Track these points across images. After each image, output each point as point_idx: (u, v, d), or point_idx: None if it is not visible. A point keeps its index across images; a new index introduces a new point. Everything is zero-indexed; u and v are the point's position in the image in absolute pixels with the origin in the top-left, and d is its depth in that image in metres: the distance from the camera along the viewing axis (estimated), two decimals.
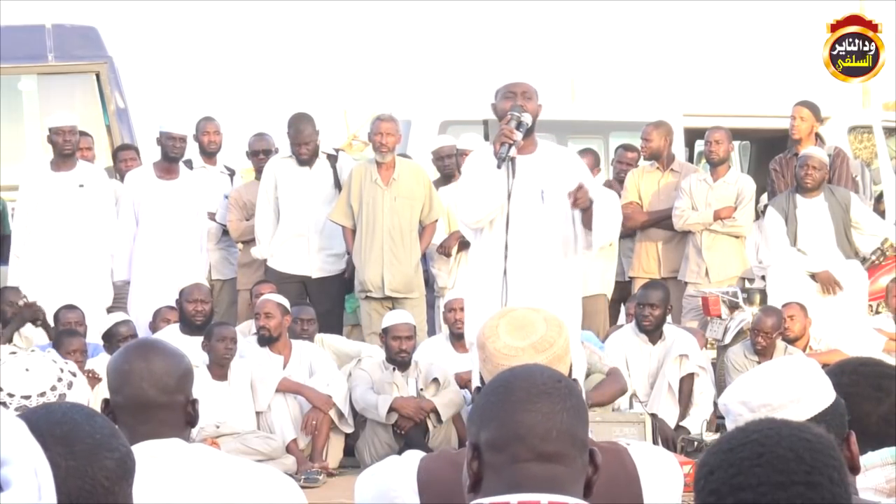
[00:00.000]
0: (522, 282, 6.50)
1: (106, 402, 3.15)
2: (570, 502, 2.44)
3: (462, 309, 7.93)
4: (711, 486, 2.15)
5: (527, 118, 6.51)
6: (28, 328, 9.38)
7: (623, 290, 10.81)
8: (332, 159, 10.30)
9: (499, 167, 6.44)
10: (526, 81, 6.67)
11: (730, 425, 2.88)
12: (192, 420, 3.15)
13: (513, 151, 6.47)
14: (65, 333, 8.86)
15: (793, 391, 2.95)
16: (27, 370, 3.52)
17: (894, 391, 3.22)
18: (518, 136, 6.46)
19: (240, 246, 10.71)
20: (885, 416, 3.17)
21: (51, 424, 2.19)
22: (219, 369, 8.76)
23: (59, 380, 3.53)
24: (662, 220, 10.69)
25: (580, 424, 2.47)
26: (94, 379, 8.52)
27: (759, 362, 9.32)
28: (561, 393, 2.47)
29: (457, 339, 9.20)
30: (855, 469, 2.86)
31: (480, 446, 2.45)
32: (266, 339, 9.13)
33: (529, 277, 6.52)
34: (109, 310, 9.79)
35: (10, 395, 3.48)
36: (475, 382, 6.61)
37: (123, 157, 10.89)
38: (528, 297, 6.31)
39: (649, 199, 10.81)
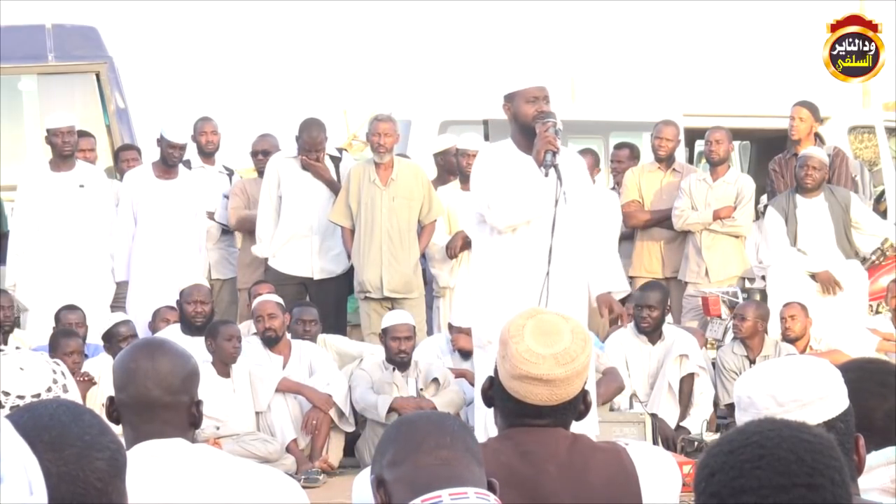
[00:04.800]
0: (563, 283, 6.54)
1: (111, 399, 3.15)
2: (470, 492, 2.54)
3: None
4: (712, 489, 2.15)
5: (560, 124, 6.57)
6: (19, 332, 9.39)
7: None
8: (336, 161, 10.30)
9: (546, 175, 6.47)
10: (543, 84, 6.71)
11: (746, 418, 2.85)
12: (195, 421, 3.15)
13: (557, 158, 6.51)
14: (61, 334, 8.83)
15: (821, 389, 2.94)
16: (22, 369, 3.52)
17: None
18: (559, 142, 6.51)
19: (239, 244, 10.72)
20: (889, 412, 3.19)
21: (38, 429, 2.17)
22: (222, 367, 8.77)
23: (55, 381, 3.53)
24: (664, 220, 10.69)
25: (471, 439, 2.70)
26: (88, 382, 8.50)
27: (746, 356, 9.35)
28: (448, 415, 2.83)
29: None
30: (859, 472, 2.86)
31: (383, 473, 2.66)
32: (273, 340, 9.13)
33: (568, 279, 6.58)
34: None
35: (6, 394, 3.47)
36: (479, 381, 6.63)
37: (125, 158, 10.90)
38: (568, 298, 6.48)
39: (651, 199, 10.80)
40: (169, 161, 10.13)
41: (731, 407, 8.30)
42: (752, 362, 9.20)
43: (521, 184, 6.53)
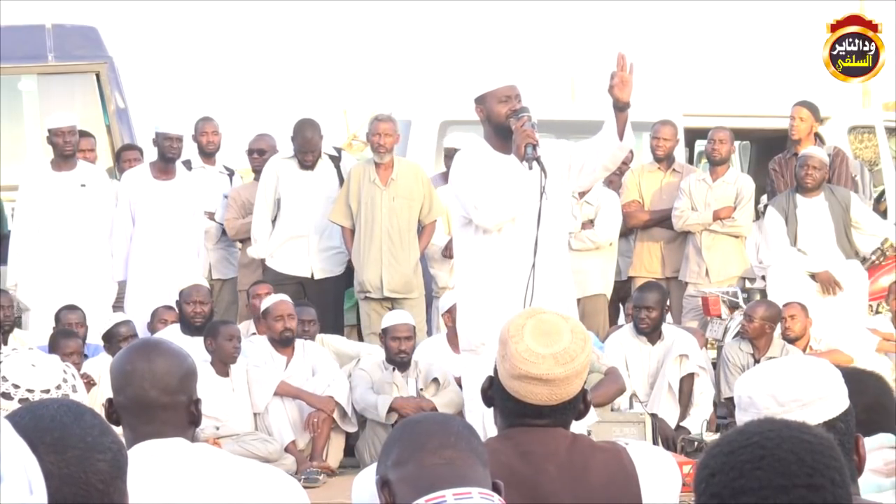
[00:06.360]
0: (548, 275, 6.52)
1: (110, 401, 3.15)
2: (474, 492, 2.54)
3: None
4: (713, 490, 2.15)
5: (535, 119, 6.54)
6: (19, 332, 9.39)
7: (620, 289, 10.80)
8: (335, 160, 10.30)
9: (530, 168, 6.44)
10: (513, 83, 6.68)
11: (747, 418, 2.85)
12: (195, 420, 3.15)
13: (538, 151, 6.47)
14: (61, 334, 8.83)
15: (822, 388, 2.95)
16: (33, 365, 3.53)
17: (871, 386, 3.41)
18: (537, 136, 6.48)
19: (239, 245, 10.71)
20: (866, 407, 3.22)
21: (40, 431, 2.17)
22: (221, 366, 8.77)
23: (65, 381, 3.54)
24: (665, 220, 10.68)
25: (476, 439, 2.70)
26: (86, 385, 8.50)
27: (752, 354, 9.34)
28: (453, 417, 2.81)
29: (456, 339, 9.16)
30: (859, 472, 2.86)
31: (388, 473, 2.65)
32: (290, 341, 9.13)
33: (553, 270, 6.56)
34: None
35: (16, 387, 3.48)
36: (470, 378, 6.60)
37: (127, 158, 10.89)
38: (553, 290, 6.44)
39: (651, 199, 10.80)
40: (168, 154, 10.11)
41: (731, 400, 8.30)
42: (757, 362, 9.19)
43: (506, 181, 6.52)
